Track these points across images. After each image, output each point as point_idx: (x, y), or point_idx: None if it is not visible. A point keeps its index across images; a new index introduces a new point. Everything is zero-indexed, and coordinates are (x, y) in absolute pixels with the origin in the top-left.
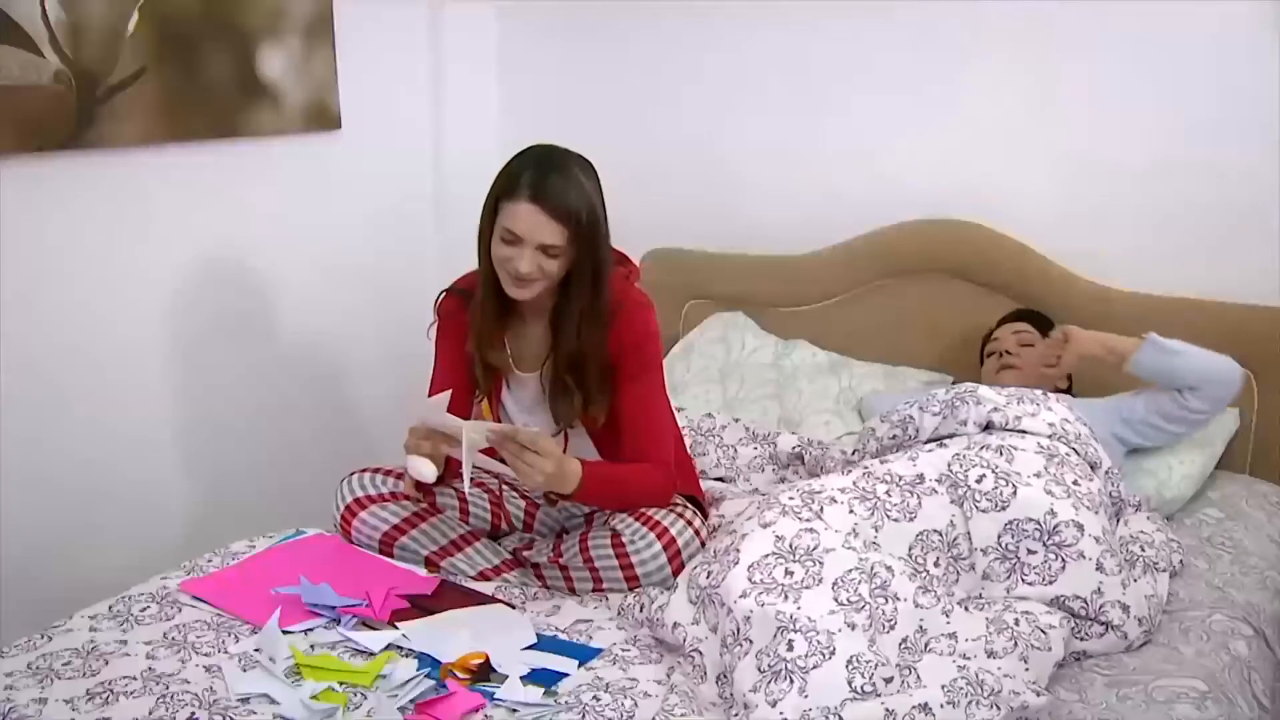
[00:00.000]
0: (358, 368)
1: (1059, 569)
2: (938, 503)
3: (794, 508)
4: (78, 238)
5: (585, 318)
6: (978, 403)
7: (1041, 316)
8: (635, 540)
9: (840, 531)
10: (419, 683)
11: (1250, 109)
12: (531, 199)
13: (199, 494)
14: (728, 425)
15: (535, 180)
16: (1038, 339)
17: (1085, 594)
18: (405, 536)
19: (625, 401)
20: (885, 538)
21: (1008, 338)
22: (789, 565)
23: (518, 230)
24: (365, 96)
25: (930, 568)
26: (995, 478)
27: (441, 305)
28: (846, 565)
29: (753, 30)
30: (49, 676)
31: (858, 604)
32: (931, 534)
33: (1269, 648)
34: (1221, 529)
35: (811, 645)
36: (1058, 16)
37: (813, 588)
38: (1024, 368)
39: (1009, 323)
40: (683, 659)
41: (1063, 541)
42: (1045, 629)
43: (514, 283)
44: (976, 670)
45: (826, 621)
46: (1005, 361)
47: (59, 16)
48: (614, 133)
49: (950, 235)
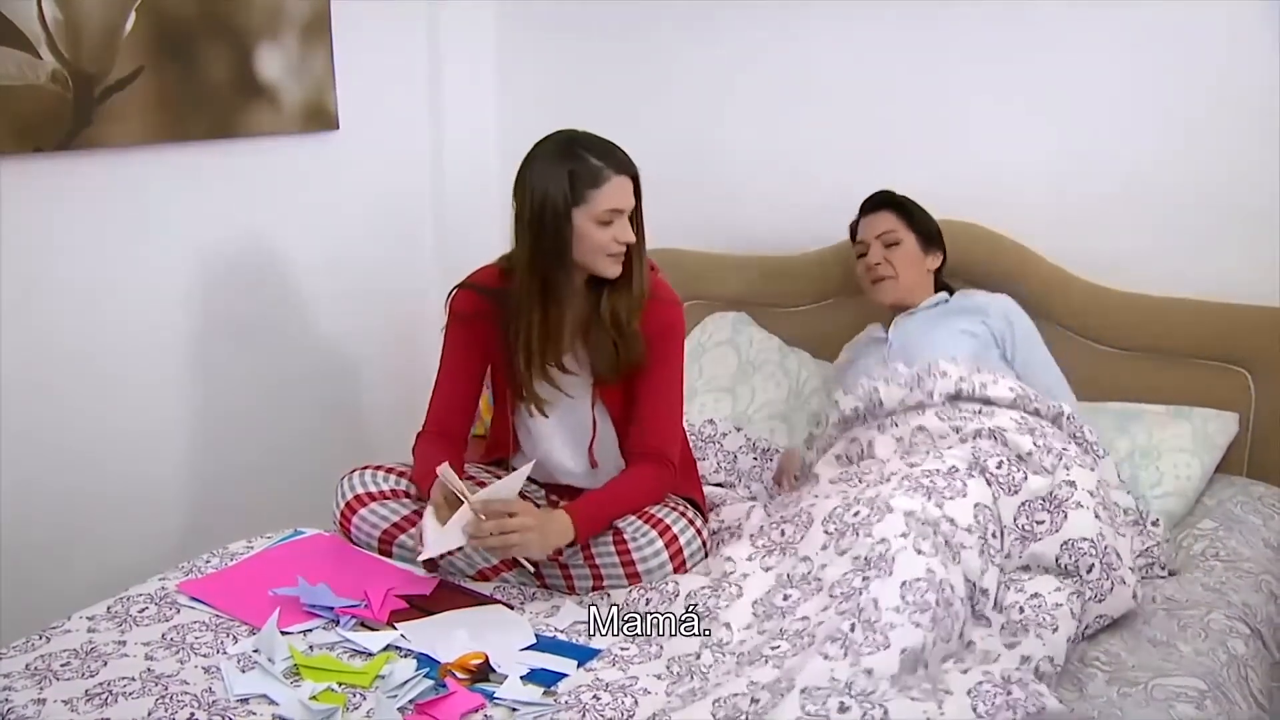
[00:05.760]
0: (357, 367)
1: (1062, 520)
2: (978, 484)
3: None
4: (75, 238)
5: (634, 275)
6: (943, 374)
7: (902, 202)
8: (638, 537)
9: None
10: (418, 683)
11: (1250, 109)
12: (619, 172)
13: (197, 494)
14: (729, 433)
15: (608, 156)
16: (902, 229)
17: (1091, 535)
18: (404, 534)
19: (643, 391)
20: (950, 511)
21: (873, 245)
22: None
23: (622, 204)
24: (363, 96)
25: (989, 539)
26: (1009, 465)
27: (456, 301)
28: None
29: (751, 30)
30: (47, 677)
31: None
32: (983, 506)
33: (1265, 647)
34: (1215, 538)
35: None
36: (1055, 16)
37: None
38: (899, 274)
39: (869, 214)
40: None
41: (1062, 499)
42: (1053, 608)
43: (615, 261)
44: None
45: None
46: (876, 274)
47: (55, 17)
48: (612, 133)
49: (948, 236)
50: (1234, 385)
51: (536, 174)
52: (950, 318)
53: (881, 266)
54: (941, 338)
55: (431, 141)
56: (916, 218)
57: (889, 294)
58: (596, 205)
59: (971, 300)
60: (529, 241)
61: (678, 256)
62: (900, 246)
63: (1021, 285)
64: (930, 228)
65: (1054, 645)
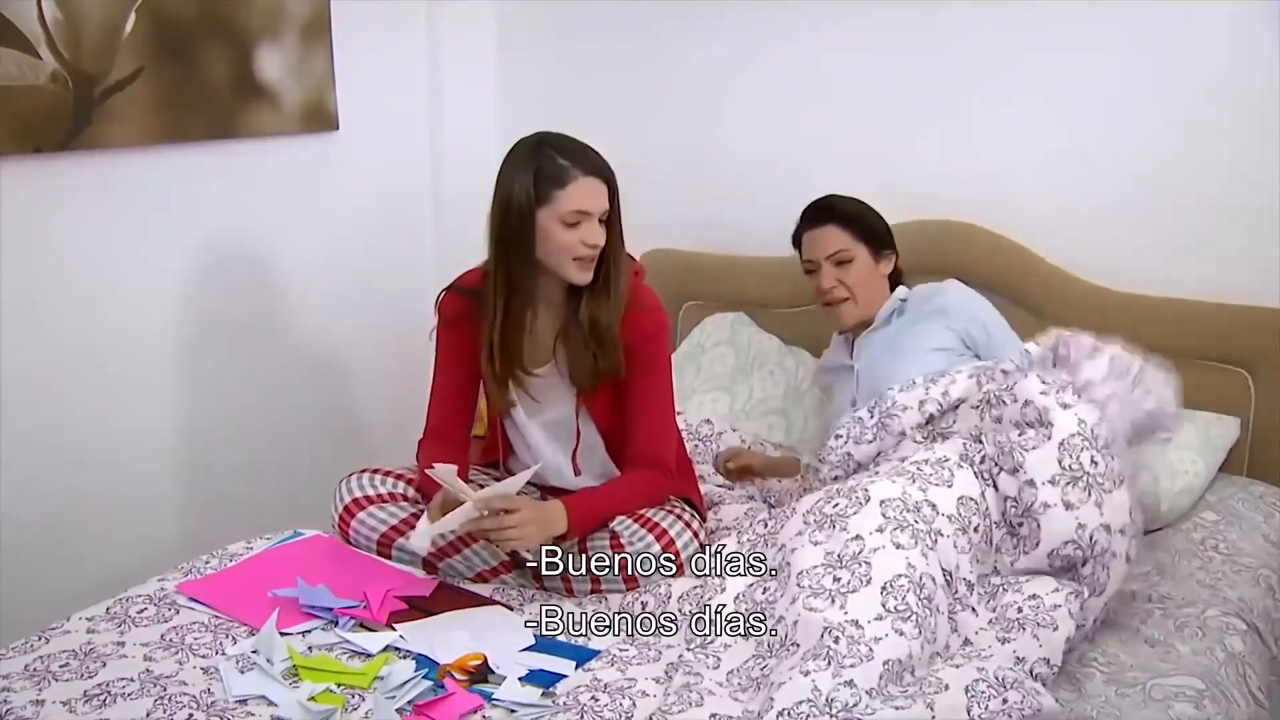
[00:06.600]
0: (356, 368)
1: (1035, 528)
2: (966, 475)
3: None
4: (75, 238)
5: (610, 282)
6: (904, 409)
7: (848, 213)
8: (635, 542)
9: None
10: (417, 684)
11: (1250, 109)
12: (587, 173)
13: (196, 495)
14: (724, 432)
15: (577, 157)
16: (852, 244)
17: (1071, 534)
18: (403, 538)
19: (631, 399)
20: (933, 496)
21: (824, 267)
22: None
23: (588, 206)
24: (363, 96)
25: (970, 532)
26: (991, 459)
27: (443, 305)
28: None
29: (750, 31)
30: (46, 678)
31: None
32: (968, 499)
33: (1263, 643)
34: (1216, 530)
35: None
36: (1056, 16)
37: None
38: (855, 295)
39: (812, 228)
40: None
41: (1029, 505)
42: (1052, 609)
43: (583, 266)
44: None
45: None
46: (830, 298)
47: (55, 17)
48: (611, 133)
49: (947, 236)
50: (1234, 386)
51: (504, 173)
52: (912, 330)
53: (837, 289)
54: (907, 365)
55: (431, 141)
56: (864, 226)
57: (847, 317)
58: (561, 205)
59: (928, 303)
60: (494, 240)
61: (677, 256)
62: (852, 265)
63: (1021, 285)
64: (878, 233)
65: (1051, 646)
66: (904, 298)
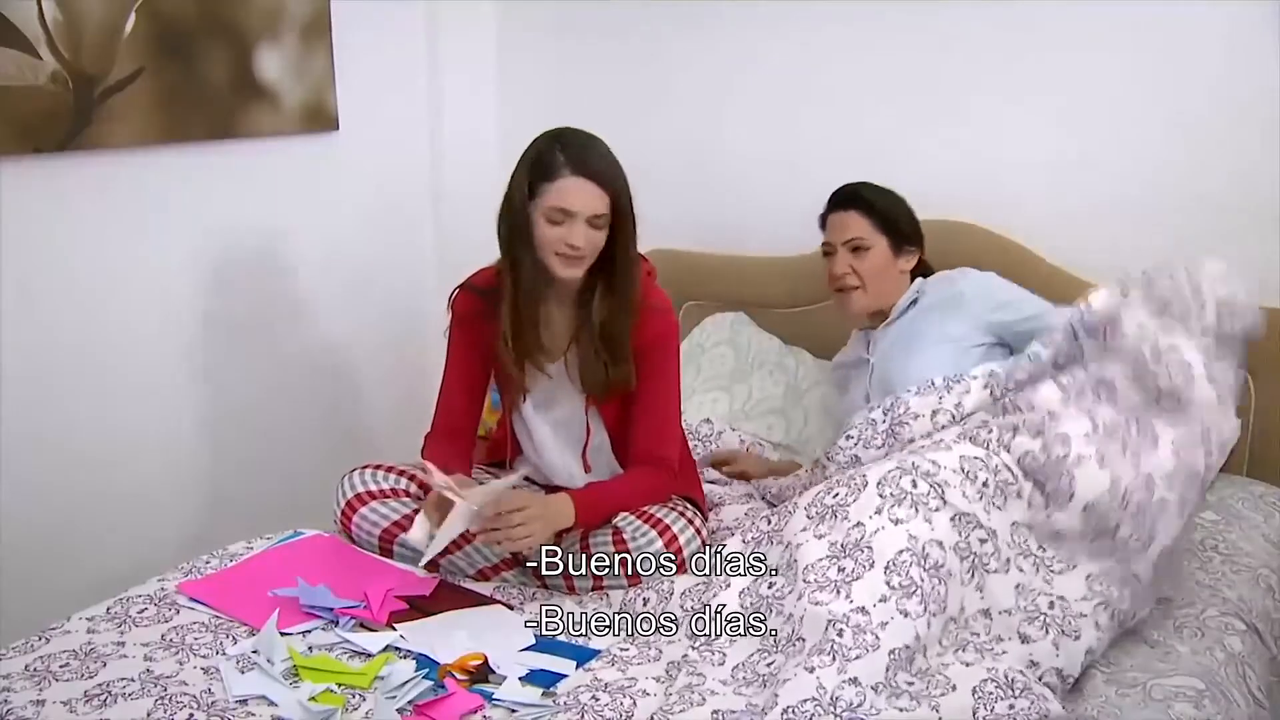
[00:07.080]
0: (356, 367)
1: (1070, 483)
2: (966, 445)
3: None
4: (75, 239)
5: (618, 289)
6: (915, 416)
7: (873, 201)
8: (638, 538)
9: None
10: (417, 684)
11: (1250, 109)
12: (576, 172)
13: (196, 495)
14: (723, 432)
15: (574, 155)
16: (871, 233)
17: (1107, 489)
18: (404, 533)
19: (638, 398)
20: (932, 456)
21: (839, 252)
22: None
23: (571, 205)
24: (363, 96)
25: (980, 486)
26: (998, 429)
27: (456, 302)
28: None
29: (751, 31)
30: (46, 678)
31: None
32: (973, 459)
33: (1262, 643)
34: (1215, 530)
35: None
36: (1056, 16)
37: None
38: (865, 284)
39: (836, 211)
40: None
41: (1060, 456)
42: (1078, 616)
43: (565, 263)
44: (1006, 670)
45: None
46: (840, 284)
47: (55, 17)
48: (611, 133)
49: (947, 236)
50: None
51: (517, 164)
52: (923, 320)
53: (848, 277)
54: (916, 356)
55: (431, 141)
56: (888, 218)
57: (855, 305)
58: (545, 200)
59: (941, 292)
60: (499, 231)
61: (678, 256)
62: (868, 254)
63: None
64: (903, 226)
65: (1069, 657)
66: (920, 290)
